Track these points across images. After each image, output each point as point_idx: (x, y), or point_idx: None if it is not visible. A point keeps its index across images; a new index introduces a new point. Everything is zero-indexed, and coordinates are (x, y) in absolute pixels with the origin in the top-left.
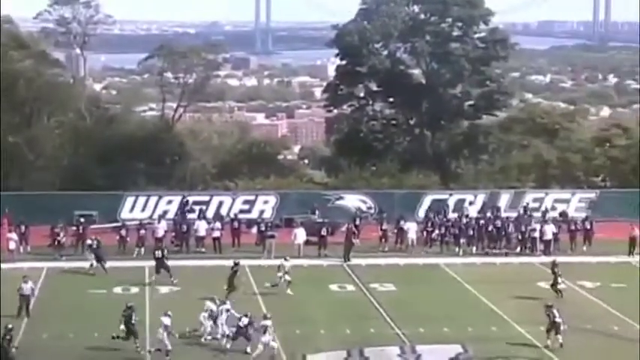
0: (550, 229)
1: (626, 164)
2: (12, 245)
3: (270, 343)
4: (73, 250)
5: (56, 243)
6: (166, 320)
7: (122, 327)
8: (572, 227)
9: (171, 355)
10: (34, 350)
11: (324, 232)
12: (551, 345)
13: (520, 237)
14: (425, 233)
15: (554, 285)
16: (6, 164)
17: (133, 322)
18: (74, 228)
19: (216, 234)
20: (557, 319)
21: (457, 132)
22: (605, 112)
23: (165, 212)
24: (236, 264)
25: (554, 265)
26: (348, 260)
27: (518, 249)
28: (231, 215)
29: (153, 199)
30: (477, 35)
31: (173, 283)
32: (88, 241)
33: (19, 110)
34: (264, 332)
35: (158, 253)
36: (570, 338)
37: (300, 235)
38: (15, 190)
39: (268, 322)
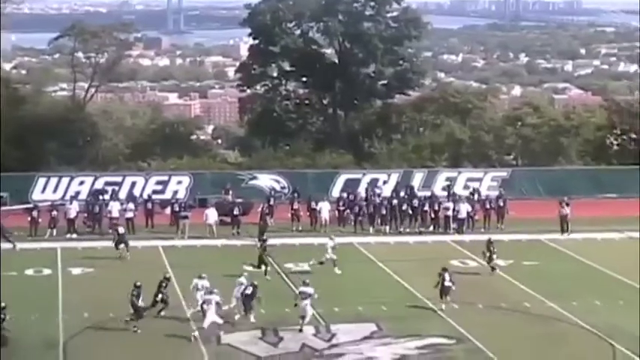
0: (464, 208)
1: (537, 143)
2: None
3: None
4: None
5: None
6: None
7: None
8: (486, 206)
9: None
10: None
11: (236, 211)
12: (445, 308)
13: (433, 216)
14: (338, 212)
15: (490, 261)
16: None
17: (164, 292)
18: None
19: (130, 215)
20: (447, 283)
21: (370, 111)
22: (517, 91)
23: (77, 193)
24: (264, 240)
25: (489, 242)
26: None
27: (432, 228)
28: (145, 196)
29: (65, 180)
30: (389, 15)
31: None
32: None
33: None
34: (305, 298)
35: (121, 229)
36: (484, 315)
37: (212, 215)
38: None
39: (309, 289)
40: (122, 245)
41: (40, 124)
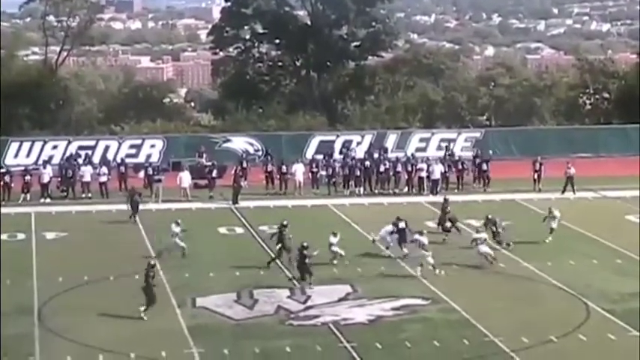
0: (438, 169)
1: (511, 103)
2: None
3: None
4: None
5: None
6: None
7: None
8: (460, 166)
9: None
10: None
11: (210, 174)
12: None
13: (407, 177)
14: (312, 174)
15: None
16: None
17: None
18: None
19: (103, 179)
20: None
21: (343, 73)
22: (490, 51)
23: (50, 157)
24: (284, 225)
25: (445, 202)
26: (237, 203)
27: (406, 189)
28: (118, 160)
29: (38, 145)
30: None
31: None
32: None
33: None
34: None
35: (137, 198)
36: (459, 276)
37: (186, 178)
38: None
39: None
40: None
41: (12, 88)
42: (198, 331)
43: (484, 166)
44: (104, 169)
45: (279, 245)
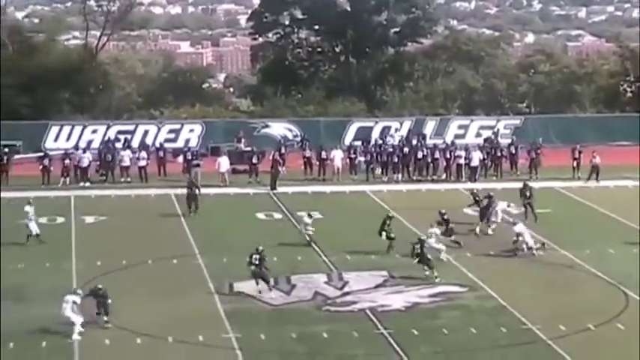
0: (477, 156)
1: (550, 90)
2: None
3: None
4: None
5: None
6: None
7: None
8: (499, 153)
9: None
10: None
11: (255, 159)
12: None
13: (446, 163)
14: (350, 161)
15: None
16: None
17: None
18: None
19: (142, 163)
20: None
21: (382, 59)
22: (530, 38)
23: (90, 142)
24: (390, 217)
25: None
26: (275, 189)
27: (444, 176)
28: (157, 144)
29: (77, 129)
30: None
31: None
32: None
33: None
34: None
35: (194, 189)
36: (496, 263)
37: (224, 163)
38: None
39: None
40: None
41: (53, 72)
42: (235, 316)
43: (512, 150)
44: (143, 154)
45: (385, 235)
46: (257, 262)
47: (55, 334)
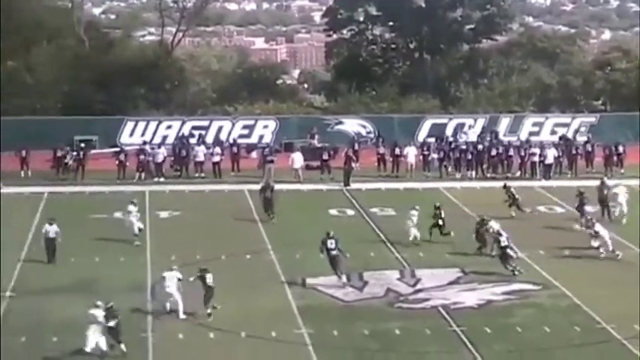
0: (551, 153)
1: (627, 88)
2: None
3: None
4: (74, 175)
5: (64, 165)
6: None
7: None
8: (574, 151)
9: None
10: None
11: (325, 156)
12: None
13: (520, 161)
14: (424, 157)
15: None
16: (5, 89)
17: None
18: (74, 153)
19: (216, 159)
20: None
21: (457, 56)
22: (606, 35)
23: (165, 137)
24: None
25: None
26: (348, 185)
27: (519, 173)
28: (231, 140)
29: (153, 124)
30: None
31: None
32: None
33: (18, 35)
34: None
35: (268, 193)
36: (571, 262)
37: (298, 159)
38: (14, 115)
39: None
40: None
41: (129, 68)
42: (307, 312)
43: (588, 148)
44: (217, 149)
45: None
46: (333, 246)
47: (129, 328)
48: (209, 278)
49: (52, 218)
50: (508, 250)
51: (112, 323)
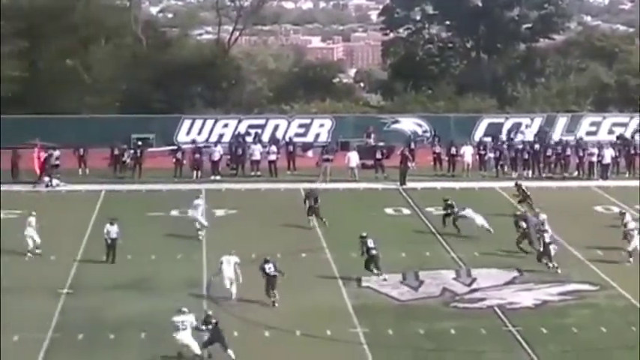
0: (609, 153)
1: None
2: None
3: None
4: (131, 173)
5: (121, 163)
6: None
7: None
8: (632, 151)
9: None
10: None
11: (379, 155)
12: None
13: (578, 161)
14: (480, 157)
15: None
16: (64, 87)
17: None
18: (132, 151)
19: (272, 157)
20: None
21: (514, 55)
22: None
23: (221, 136)
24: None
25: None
26: (404, 184)
27: (576, 173)
28: (287, 139)
29: (209, 123)
30: None
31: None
32: None
33: (76, 33)
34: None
35: (312, 201)
36: (629, 263)
37: (354, 158)
38: (72, 113)
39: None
40: None
41: (186, 67)
42: (363, 311)
43: None
44: (273, 148)
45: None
46: (373, 245)
47: None
48: (269, 267)
49: (113, 218)
50: (550, 247)
51: (206, 328)
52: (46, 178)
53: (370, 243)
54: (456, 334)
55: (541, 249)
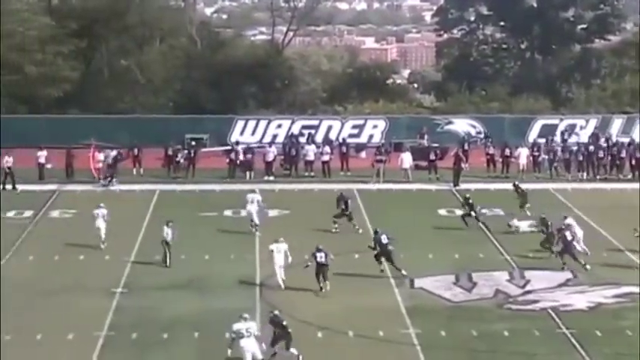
0: None
1: None
2: (99, 165)
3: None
4: (185, 173)
5: (175, 163)
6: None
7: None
8: None
9: None
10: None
11: (432, 156)
12: None
13: (634, 163)
14: (534, 158)
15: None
16: (118, 87)
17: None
18: (186, 151)
19: (326, 158)
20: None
21: (569, 56)
22: None
23: (274, 136)
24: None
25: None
26: (457, 185)
27: (631, 175)
28: (340, 139)
29: (263, 123)
30: None
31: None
32: None
33: (131, 34)
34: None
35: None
36: None
37: (407, 159)
38: (127, 113)
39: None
40: None
41: (240, 67)
42: (415, 312)
43: None
44: (327, 149)
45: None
46: (386, 241)
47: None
48: (320, 256)
49: (169, 220)
50: (572, 246)
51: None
52: (106, 179)
53: (384, 239)
54: (509, 336)
55: (560, 249)
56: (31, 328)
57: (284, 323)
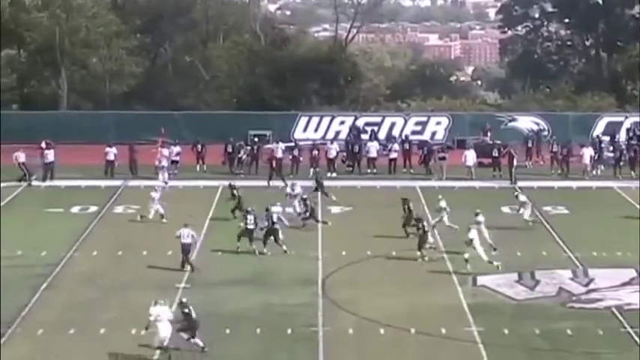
0: None
1: None
2: (163, 162)
3: None
4: (247, 169)
5: (237, 159)
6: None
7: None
8: None
9: None
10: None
11: (496, 153)
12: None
13: None
14: (598, 156)
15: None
16: (182, 83)
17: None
18: (249, 147)
19: (393, 155)
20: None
21: (634, 53)
22: None
23: (337, 133)
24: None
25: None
26: (514, 182)
27: None
28: (403, 136)
29: (326, 120)
30: None
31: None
32: None
33: (195, 30)
34: None
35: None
36: None
37: (470, 156)
38: (190, 109)
39: None
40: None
41: (303, 64)
42: (478, 310)
43: None
44: (396, 146)
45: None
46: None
47: (299, 322)
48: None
49: (187, 224)
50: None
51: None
52: (165, 175)
53: (274, 218)
54: (572, 335)
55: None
56: (95, 323)
57: (186, 311)
